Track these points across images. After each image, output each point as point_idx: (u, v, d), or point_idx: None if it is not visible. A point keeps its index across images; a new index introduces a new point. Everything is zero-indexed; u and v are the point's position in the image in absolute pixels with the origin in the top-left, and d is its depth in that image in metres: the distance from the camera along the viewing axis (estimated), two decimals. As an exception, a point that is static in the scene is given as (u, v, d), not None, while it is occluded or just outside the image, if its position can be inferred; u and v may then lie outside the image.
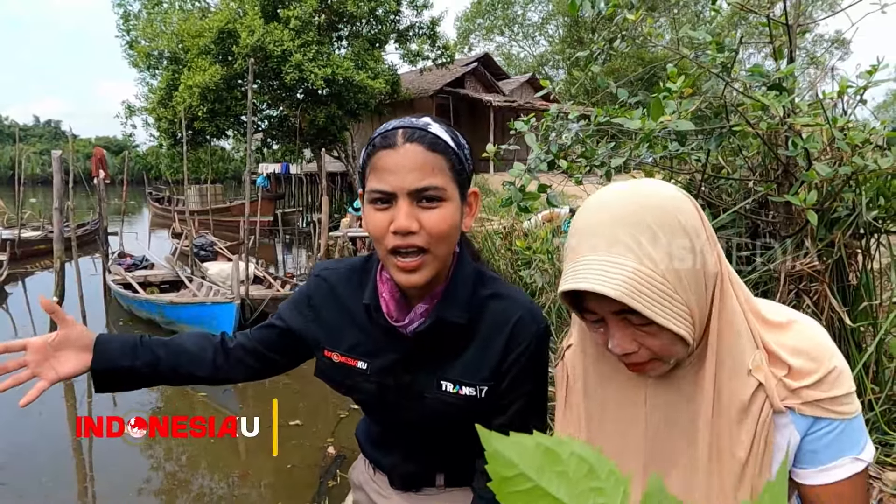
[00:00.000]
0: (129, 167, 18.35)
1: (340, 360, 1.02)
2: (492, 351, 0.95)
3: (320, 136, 16.13)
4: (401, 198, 0.86)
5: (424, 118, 0.92)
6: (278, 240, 15.61)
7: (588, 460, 0.23)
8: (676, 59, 2.40)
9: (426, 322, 0.94)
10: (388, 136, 0.88)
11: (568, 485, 0.22)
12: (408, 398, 0.99)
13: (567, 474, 0.22)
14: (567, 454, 0.23)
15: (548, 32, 35.33)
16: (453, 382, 0.96)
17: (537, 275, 2.87)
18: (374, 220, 0.88)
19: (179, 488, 3.75)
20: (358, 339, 1.01)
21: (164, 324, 6.85)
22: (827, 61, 5.38)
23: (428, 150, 0.87)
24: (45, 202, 24.31)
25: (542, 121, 2.56)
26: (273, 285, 7.49)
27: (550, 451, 0.23)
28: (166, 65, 16.55)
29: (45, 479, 3.79)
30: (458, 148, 0.91)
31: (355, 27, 15.98)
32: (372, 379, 1.00)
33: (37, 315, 7.56)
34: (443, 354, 0.97)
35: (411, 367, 0.98)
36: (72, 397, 5.20)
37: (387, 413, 1.05)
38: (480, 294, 0.97)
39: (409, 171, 0.85)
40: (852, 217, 2.09)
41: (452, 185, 0.89)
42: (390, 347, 0.98)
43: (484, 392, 0.95)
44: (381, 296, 0.97)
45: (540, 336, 0.96)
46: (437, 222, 0.86)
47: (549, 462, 0.23)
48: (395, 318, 0.96)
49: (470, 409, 0.96)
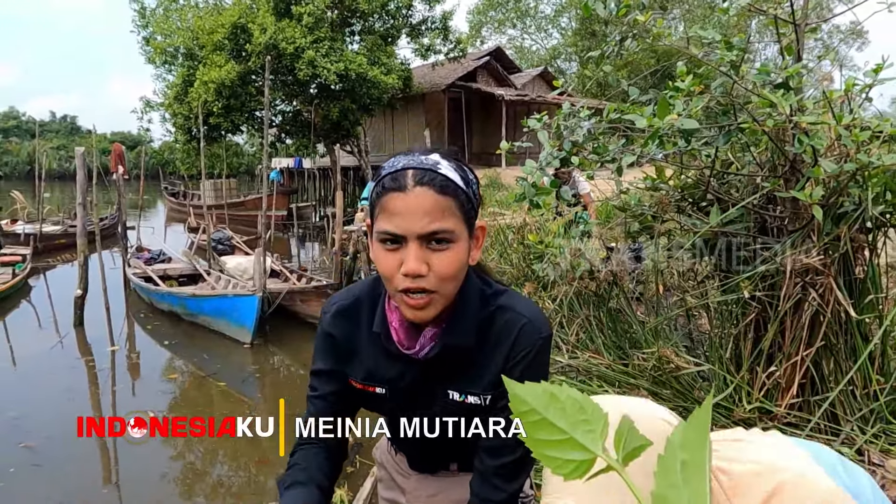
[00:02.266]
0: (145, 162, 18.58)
1: (360, 387, 1.07)
2: (495, 361, 1.00)
3: (334, 131, 16.27)
4: (410, 241, 0.88)
5: (434, 156, 0.92)
6: (292, 234, 15.80)
7: (579, 401, 0.32)
8: (688, 56, 2.45)
9: (435, 348, 0.98)
10: (397, 177, 0.89)
11: (565, 417, 0.31)
12: (420, 407, 1.06)
13: (564, 410, 0.32)
14: (564, 396, 0.32)
15: (560, 25, 35.14)
16: (459, 392, 1.02)
17: (549, 268, 2.94)
18: (384, 260, 0.91)
19: (200, 475, 3.89)
20: (373, 365, 1.05)
21: (186, 316, 7.02)
22: (843, 51, 5.26)
23: (438, 193, 0.88)
24: (62, 197, 24.75)
25: (555, 118, 2.63)
26: (290, 279, 7.63)
27: (553, 394, 0.33)
28: (182, 61, 16.77)
29: (76, 461, 3.96)
30: (467, 186, 0.93)
31: (367, 22, 16.05)
32: (390, 400, 1.07)
33: (59, 308, 7.77)
34: (451, 370, 1.03)
35: (425, 386, 1.04)
36: (96, 386, 5.36)
37: (401, 417, 1.11)
38: (486, 312, 1.01)
39: (419, 216, 0.87)
40: (858, 212, 2.14)
41: (461, 225, 0.91)
42: (403, 372, 1.03)
43: (487, 400, 1.01)
44: (390, 325, 1.01)
45: (541, 343, 1.00)
46: (446, 265, 0.89)
47: (551, 402, 0.32)
48: (406, 345, 1.00)
49: (475, 414, 1.02)
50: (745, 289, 2.17)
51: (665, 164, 2.52)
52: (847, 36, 24.53)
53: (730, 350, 2.39)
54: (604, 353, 2.56)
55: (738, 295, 2.26)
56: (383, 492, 1.32)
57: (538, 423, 0.32)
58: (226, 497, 3.66)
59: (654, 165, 2.78)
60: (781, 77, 1.96)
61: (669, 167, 2.67)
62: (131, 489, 3.70)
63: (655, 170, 2.74)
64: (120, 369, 5.85)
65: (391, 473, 1.28)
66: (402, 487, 1.25)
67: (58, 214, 15.39)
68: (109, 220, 14.18)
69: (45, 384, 5.38)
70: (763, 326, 2.36)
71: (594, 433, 0.31)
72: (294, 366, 5.97)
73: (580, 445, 0.31)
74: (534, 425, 0.32)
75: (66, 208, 16.71)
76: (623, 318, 2.79)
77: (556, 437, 0.31)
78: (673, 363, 2.39)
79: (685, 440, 0.27)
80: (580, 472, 0.30)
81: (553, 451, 0.31)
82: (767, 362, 2.27)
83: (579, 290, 2.73)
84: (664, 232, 2.70)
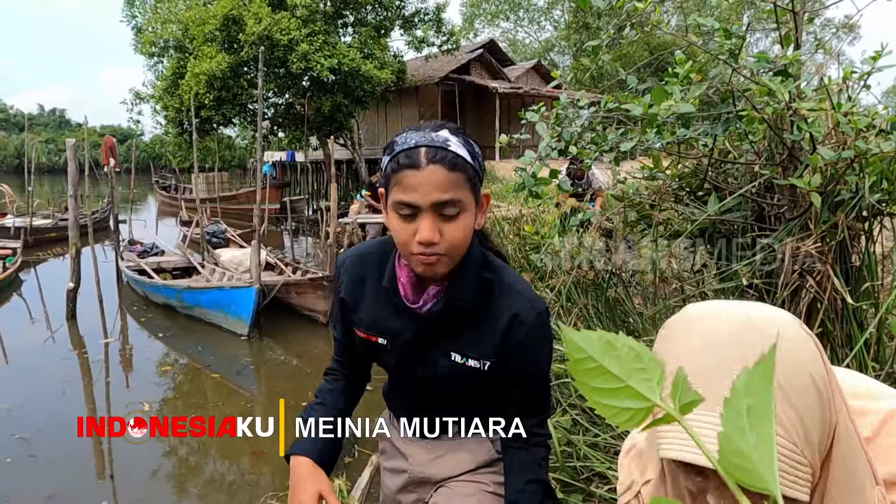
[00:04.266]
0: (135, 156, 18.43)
1: (363, 336, 1.16)
2: (493, 333, 1.08)
3: (326, 124, 16.18)
4: (424, 211, 0.97)
5: (443, 132, 1.00)
6: (285, 227, 15.75)
7: (636, 349, 0.32)
8: (684, 46, 2.45)
9: (438, 304, 1.07)
10: (411, 155, 0.97)
11: (621, 365, 0.31)
12: (423, 365, 1.14)
13: (621, 357, 0.32)
14: (621, 345, 0.32)
15: (553, 17, 35.08)
16: (461, 354, 1.10)
17: (547, 258, 2.94)
18: (399, 228, 1.00)
19: (196, 468, 3.88)
20: (377, 316, 1.14)
21: (182, 308, 6.98)
22: (834, 46, 5.28)
23: (448, 169, 0.96)
24: (51, 191, 24.52)
25: (553, 110, 2.63)
26: (284, 271, 7.61)
27: (609, 342, 0.33)
28: (172, 53, 16.60)
29: (71, 453, 3.94)
30: (474, 160, 1.02)
31: (360, 14, 15.94)
32: (392, 353, 1.15)
33: (50, 301, 7.71)
34: (452, 329, 1.10)
35: (425, 341, 1.12)
36: (89, 379, 5.33)
37: (405, 375, 1.19)
38: (485, 277, 1.10)
39: (432, 188, 0.96)
40: (855, 200, 2.15)
41: (469, 195, 1.00)
42: (406, 325, 1.12)
43: (487, 366, 1.09)
44: (398, 280, 1.10)
45: (538, 320, 1.09)
46: (456, 233, 0.99)
47: (608, 349, 0.32)
48: (411, 300, 1.09)
49: (475, 377, 1.10)
50: (743, 276, 2.18)
51: (663, 152, 2.52)
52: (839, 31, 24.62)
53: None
54: (602, 341, 2.57)
55: (736, 283, 2.27)
56: (385, 462, 1.36)
57: (594, 370, 0.32)
58: (221, 489, 3.66)
59: (650, 156, 2.79)
60: (780, 64, 1.97)
61: (666, 156, 2.67)
62: (126, 481, 3.68)
63: (652, 159, 2.74)
64: (114, 362, 5.82)
65: (393, 442, 1.32)
66: (404, 453, 1.29)
67: (48, 208, 15.25)
68: (101, 213, 14.07)
69: (39, 377, 5.35)
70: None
71: (651, 382, 0.31)
72: (289, 357, 5.95)
73: (636, 394, 0.31)
74: (589, 373, 0.32)
75: (55, 202, 16.58)
76: (621, 307, 2.80)
77: (612, 385, 0.32)
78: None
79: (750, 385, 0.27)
80: (636, 421, 0.31)
81: (608, 400, 0.31)
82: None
83: (577, 280, 2.73)
84: (661, 221, 2.71)
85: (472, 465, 1.23)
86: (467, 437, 1.23)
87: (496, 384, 1.11)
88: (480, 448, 1.24)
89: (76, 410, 4.69)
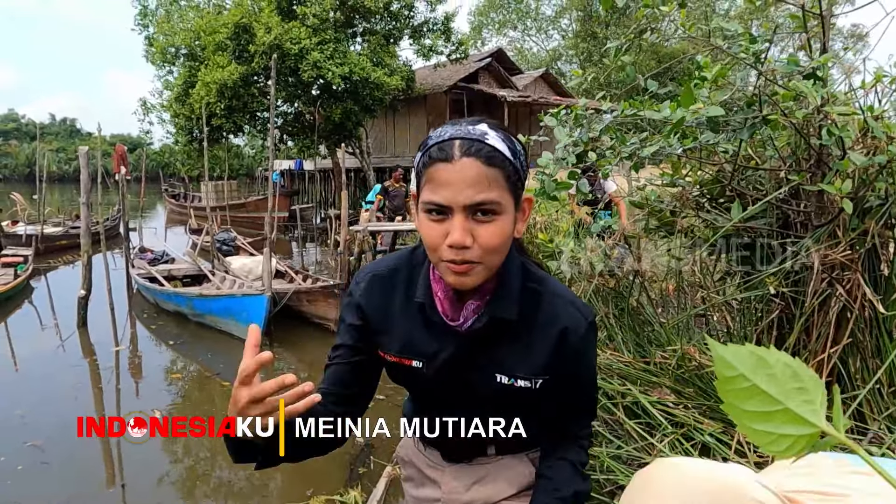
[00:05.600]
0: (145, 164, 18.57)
1: (394, 360, 1.04)
2: (544, 347, 0.99)
3: (336, 132, 16.23)
4: (456, 211, 0.86)
5: (481, 126, 0.90)
6: (294, 236, 15.75)
7: (792, 366, 0.27)
8: (694, 54, 2.41)
9: (481, 319, 0.96)
10: (444, 147, 0.87)
11: (776, 385, 0.27)
12: (464, 388, 1.02)
13: (776, 376, 0.27)
14: (774, 360, 0.27)
15: (561, 27, 35.16)
16: (508, 375, 0.99)
17: (565, 266, 2.90)
18: (429, 230, 0.90)
19: (205, 475, 3.84)
20: (409, 337, 1.02)
21: (193, 316, 6.96)
22: (844, 56, 5.34)
23: (485, 164, 0.86)
24: (61, 199, 24.69)
25: (572, 112, 2.59)
26: (295, 279, 7.59)
27: (761, 358, 0.28)
28: (183, 61, 16.73)
29: (82, 460, 3.92)
30: (515, 157, 0.90)
31: (370, 23, 16.03)
32: (429, 376, 1.02)
33: (61, 309, 7.72)
34: (495, 348, 0.99)
35: (466, 362, 1.00)
36: (100, 386, 5.31)
37: (440, 399, 1.08)
38: (528, 288, 1.00)
39: (465, 186, 0.85)
40: (885, 207, 2.10)
41: (508, 196, 0.89)
42: (444, 344, 1.00)
43: (539, 384, 0.99)
44: (435, 295, 0.99)
45: (589, 330, 1.01)
46: (491, 237, 0.87)
47: (760, 366, 0.28)
48: (450, 316, 0.98)
49: (525, 397, 1.00)
50: (771, 284, 2.13)
51: (686, 157, 2.48)
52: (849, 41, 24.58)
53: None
54: (623, 350, 2.52)
55: (763, 292, 2.22)
56: (413, 490, 1.25)
57: (746, 391, 0.28)
58: (230, 494, 3.62)
59: (670, 162, 2.74)
60: (810, 67, 1.93)
61: (689, 161, 2.63)
62: (137, 489, 3.65)
63: (671, 165, 2.70)
64: (124, 369, 5.80)
65: (421, 469, 1.22)
66: (437, 481, 1.18)
67: (58, 216, 15.35)
68: (111, 220, 14.14)
69: (50, 384, 5.33)
70: (786, 324, 2.32)
71: (813, 403, 0.26)
72: (300, 366, 5.92)
73: (796, 417, 0.26)
74: (741, 393, 0.28)
75: (66, 210, 16.68)
76: (641, 315, 2.75)
77: (768, 407, 0.27)
78: (695, 361, 2.35)
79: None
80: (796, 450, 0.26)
81: (763, 425, 0.27)
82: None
83: (598, 288, 2.68)
84: (683, 229, 2.66)
85: (514, 489, 1.13)
86: (505, 459, 1.15)
87: (547, 398, 1.03)
88: (521, 469, 1.14)
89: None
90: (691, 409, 2.19)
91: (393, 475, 2.85)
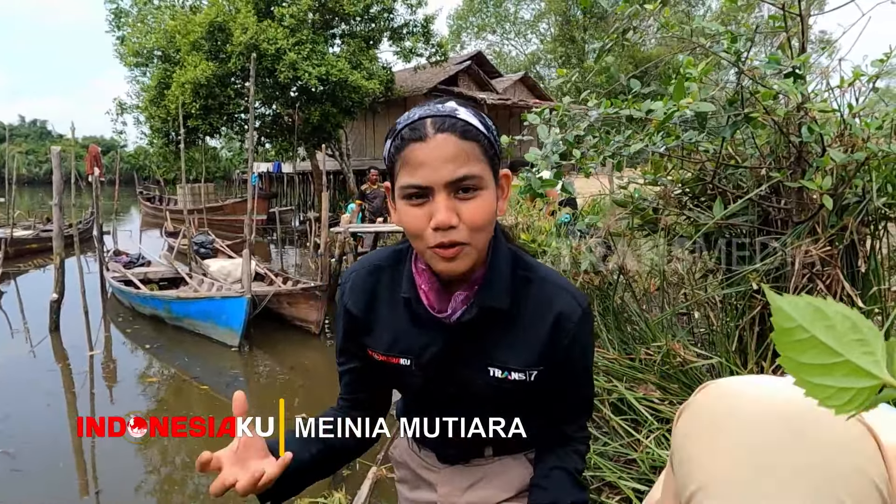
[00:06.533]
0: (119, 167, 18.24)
1: (382, 359, 1.01)
2: (537, 336, 0.95)
3: (315, 134, 16.11)
4: (437, 191, 0.83)
5: (450, 103, 0.88)
6: (273, 238, 15.59)
7: (850, 317, 0.27)
8: (668, 56, 2.44)
9: (471, 310, 0.92)
10: (416, 127, 0.84)
11: (835, 336, 0.26)
12: (456, 385, 0.99)
13: (834, 328, 0.27)
14: (832, 312, 0.27)
15: (539, 31, 35.47)
16: (501, 368, 0.95)
17: (549, 265, 2.90)
18: (410, 215, 0.85)
19: (183, 484, 3.75)
20: (396, 335, 0.99)
21: (170, 319, 6.83)
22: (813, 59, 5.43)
23: (460, 138, 0.83)
24: (31, 202, 24.09)
25: (556, 111, 2.60)
26: (275, 282, 7.50)
27: (818, 309, 0.27)
28: (157, 62, 16.46)
29: (56, 468, 3.83)
30: (488, 131, 0.88)
31: (349, 25, 15.96)
32: (417, 373, 0.99)
33: (30, 314, 7.53)
34: (487, 340, 0.96)
35: (457, 356, 0.97)
36: (74, 392, 5.18)
37: (433, 398, 1.04)
38: (519, 276, 0.96)
39: (443, 162, 0.82)
40: (862, 203, 2.15)
41: (487, 170, 0.86)
42: (433, 339, 0.96)
43: (534, 376, 0.95)
44: (419, 287, 0.95)
45: (584, 317, 0.97)
46: (476, 213, 0.84)
47: (818, 318, 0.27)
48: (437, 308, 0.94)
49: (520, 391, 0.96)
50: (753, 280, 2.16)
51: (669, 155, 2.50)
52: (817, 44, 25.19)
53: (734, 344, 2.38)
54: (608, 347, 2.53)
55: (746, 288, 2.25)
56: (407, 493, 1.21)
57: (804, 342, 0.27)
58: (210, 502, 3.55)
59: (653, 161, 2.77)
60: (790, 66, 1.96)
61: (671, 159, 2.65)
62: (112, 496, 3.56)
63: (653, 164, 2.73)
64: (99, 374, 5.66)
65: (416, 471, 1.18)
66: (432, 483, 1.14)
67: (28, 219, 14.98)
68: (84, 223, 13.84)
69: (23, 390, 5.19)
70: (768, 319, 2.35)
71: (874, 355, 0.26)
72: (280, 369, 5.84)
73: (857, 369, 0.26)
74: (798, 345, 0.27)
75: (36, 213, 16.30)
76: (625, 313, 2.76)
77: (827, 360, 0.26)
78: (679, 357, 2.37)
79: None
80: (858, 403, 0.25)
81: (822, 378, 0.26)
82: (774, 356, 2.26)
83: (582, 285, 2.69)
84: (666, 227, 2.69)
85: (512, 491, 1.09)
86: (503, 460, 1.10)
87: (543, 391, 0.99)
88: (519, 471, 1.10)
89: (60, 424, 4.56)
90: (676, 405, 2.21)
91: (378, 476, 2.81)
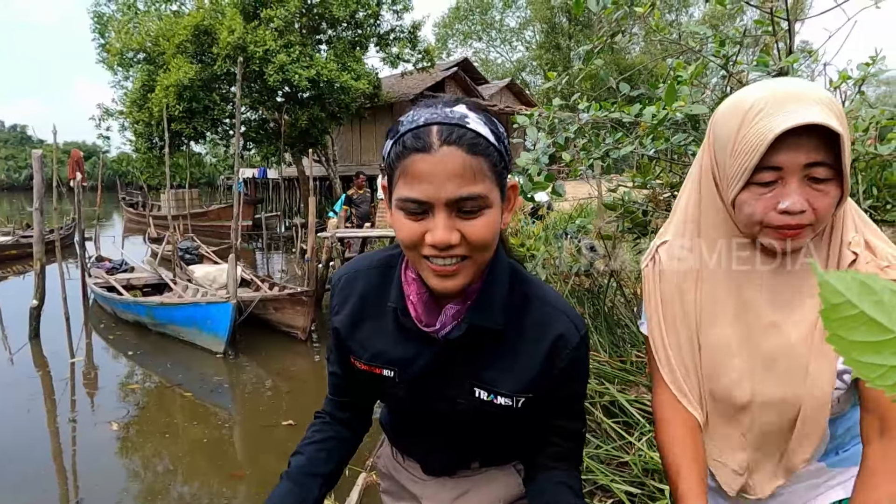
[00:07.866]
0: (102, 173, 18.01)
1: (364, 367, 0.96)
2: (530, 360, 0.89)
3: (302, 139, 16.04)
4: (437, 208, 0.76)
5: (460, 107, 0.79)
6: (259, 245, 15.47)
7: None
8: (653, 62, 2.45)
9: (460, 328, 0.86)
10: (420, 135, 0.76)
11: (884, 312, 0.25)
12: (439, 402, 0.94)
13: (883, 303, 0.26)
14: (880, 287, 0.26)
15: (525, 38, 35.74)
16: (487, 391, 0.90)
17: (539, 268, 2.90)
18: (406, 228, 0.79)
19: (171, 489, 3.68)
20: (383, 345, 0.94)
21: (153, 326, 6.72)
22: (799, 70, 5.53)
23: (467, 153, 0.75)
24: (10, 209, 23.68)
25: (546, 113, 2.60)
26: (261, 287, 7.42)
27: (865, 284, 0.26)
28: (141, 66, 16.32)
29: (37, 474, 3.75)
30: (499, 142, 0.80)
31: (336, 31, 15.95)
32: (401, 386, 0.94)
33: (9, 321, 7.37)
34: (476, 359, 0.90)
35: (442, 373, 0.91)
36: (54, 400, 5.07)
37: (417, 413, 0.99)
38: (517, 294, 0.90)
39: (446, 178, 0.75)
40: (849, 205, 2.16)
41: (494, 187, 0.79)
42: (419, 352, 0.91)
43: (521, 403, 0.89)
44: (407, 298, 0.90)
45: (581, 344, 0.91)
46: (478, 232, 0.78)
47: (865, 293, 0.26)
48: (425, 321, 0.88)
49: (504, 416, 0.91)
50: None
51: (658, 157, 2.51)
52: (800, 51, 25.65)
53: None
54: (600, 350, 2.52)
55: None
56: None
57: (852, 318, 0.26)
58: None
59: (642, 164, 2.78)
60: (778, 67, 1.98)
61: (659, 163, 2.66)
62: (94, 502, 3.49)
63: (642, 167, 2.74)
64: (80, 381, 5.56)
65: (400, 482, 1.14)
66: (417, 495, 1.10)
67: (7, 226, 14.72)
68: (66, 230, 13.63)
69: (0, 397, 5.07)
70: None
71: None
72: (267, 375, 5.77)
73: None
74: (846, 322, 0.26)
75: (16, 219, 16.02)
76: (616, 315, 2.77)
77: (877, 336, 0.26)
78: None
79: None
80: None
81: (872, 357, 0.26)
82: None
83: (573, 288, 2.69)
84: (655, 230, 2.69)
85: (501, 502, 1.05)
86: (490, 471, 1.06)
87: (531, 417, 0.93)
88: (507, 481, 1.06)
89: (40, 432, 4.46)
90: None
91: (367, 483, 2.78)
